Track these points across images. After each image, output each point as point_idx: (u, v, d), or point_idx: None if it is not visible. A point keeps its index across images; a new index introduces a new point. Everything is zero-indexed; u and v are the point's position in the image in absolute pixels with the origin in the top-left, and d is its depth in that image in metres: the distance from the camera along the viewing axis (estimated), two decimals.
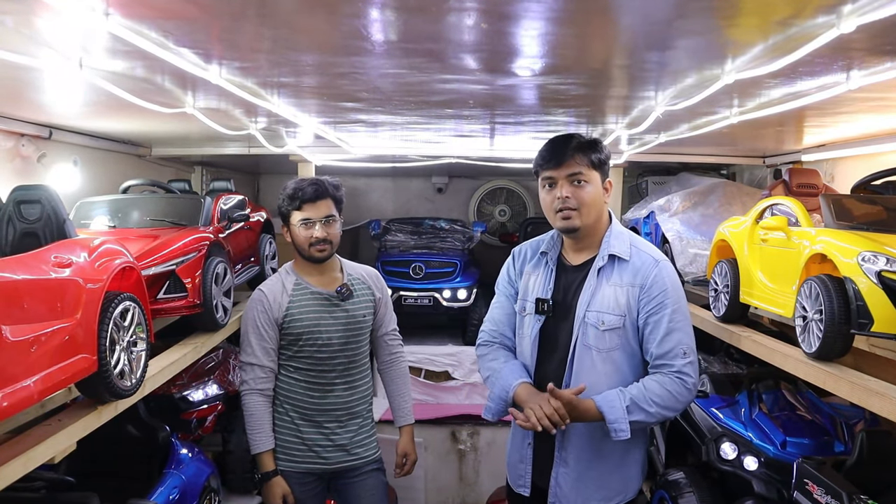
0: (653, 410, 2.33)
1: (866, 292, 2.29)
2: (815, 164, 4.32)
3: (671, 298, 2.41)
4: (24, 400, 1.84)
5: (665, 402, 2.35)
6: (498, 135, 4.32)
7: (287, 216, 2.97)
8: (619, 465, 2.52)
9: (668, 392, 2.35)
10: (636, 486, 2.57)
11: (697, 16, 1.66)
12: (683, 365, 2.37)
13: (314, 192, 2.92)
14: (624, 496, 2.54)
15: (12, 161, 3.51)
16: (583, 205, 2.43)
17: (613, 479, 2.52)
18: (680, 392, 2.36)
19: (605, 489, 2.51)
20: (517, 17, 1.69)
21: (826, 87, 2.29)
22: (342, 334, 2.96)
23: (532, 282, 2.60)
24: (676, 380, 2.36)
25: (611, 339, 2.43)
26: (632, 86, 2.64)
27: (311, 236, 2.92)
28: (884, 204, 2.86)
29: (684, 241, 4.05)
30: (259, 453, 2.93)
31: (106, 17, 1.60)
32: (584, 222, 2.45)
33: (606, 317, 2.43)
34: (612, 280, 2.45)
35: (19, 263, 1.97)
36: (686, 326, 2.44)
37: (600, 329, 2.43)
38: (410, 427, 3.23)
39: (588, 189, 2.44)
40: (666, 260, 2.52)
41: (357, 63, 2.22)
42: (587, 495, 2.50)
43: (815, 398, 3.34)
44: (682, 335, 2.40)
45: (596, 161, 2.44)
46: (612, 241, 2.47)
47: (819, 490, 2.45)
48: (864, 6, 1.45)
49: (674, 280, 2.47)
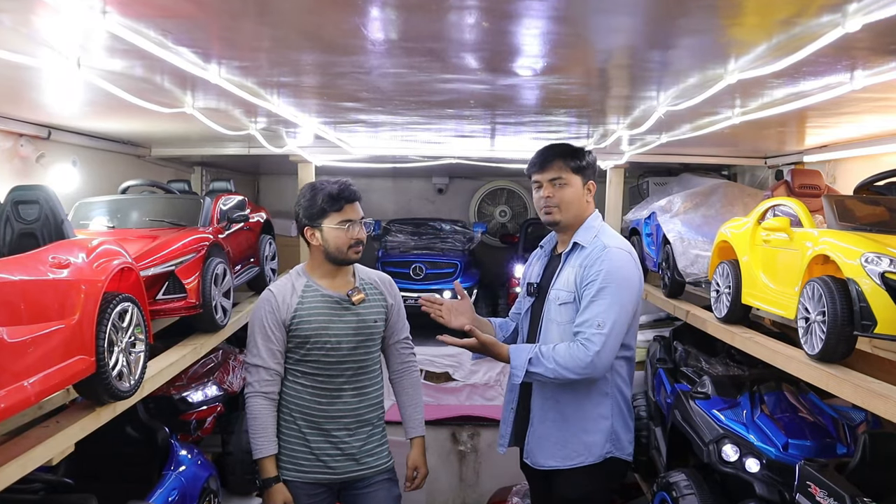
0: (550, 366, 2.62)
1: (870, 294, 2.28)
2: (817, 165, 4.31)
3: (603, 278, 2.66)
4: (22, 402, 1.83)
5: (565, 362, 2.61)
6: (498, 135, 4.31)
7: (321, 218, 2.84)
8: (581, 430, 2.80)
9: (570, 355, 2.61)
10: (599, 452, 2.79)
11: (700, 14, 1.65)
12: (592, 333, 2.60)
13: (356, 192, 2.86)
14: (585, 458, 2.79)
15: (11, 161, 3.50)
16: (562, 202, 2.81)
17: (574, 441, 2.80)
18: (579, 357, 2.60)
19: (566, 449, 2.81)
20: (518, 15, 1.68)
21: (830, 87, 2.27)
22: (351, 339, 2.86)
23: (530, 270, 3.07)
24: (581, 345, 2.61)
25: (566, 312, 2.76)
26: (633, 86, 2.63)
27: (352, 238, 2.83)
28: (887, 205, 2.84)
29: (686, 242, 4.03)
30: (261, 458, 2.84)
31: (103, 16, 1.59)
32: (563, 217, 2.83)
33: (562, 293, 2.79)
34: (571, 263, 2.82)
35: (17, 264, 1.96)
36: (609, 302, 2.63)
37: (557, 304, 2.80)
38: (422, 439, 3.09)
39: (567, 190, 2.81)
40: (620, 249, 2.74)
41: (357, 62, 2.21)
42: (550, 453, 2.84)
43: (817, 400, 3.33)
44: (602, 309, 2.62)
45: (575, 167, 2.81)
46: (580, 232, 2.83)
47: (822, 492, 2.43)
48: (870, 5, 1.43)
49: (616, 265, 2.69)
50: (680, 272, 4.01)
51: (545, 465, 2.86)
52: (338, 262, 2.86)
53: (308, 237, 2.86)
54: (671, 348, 4.53)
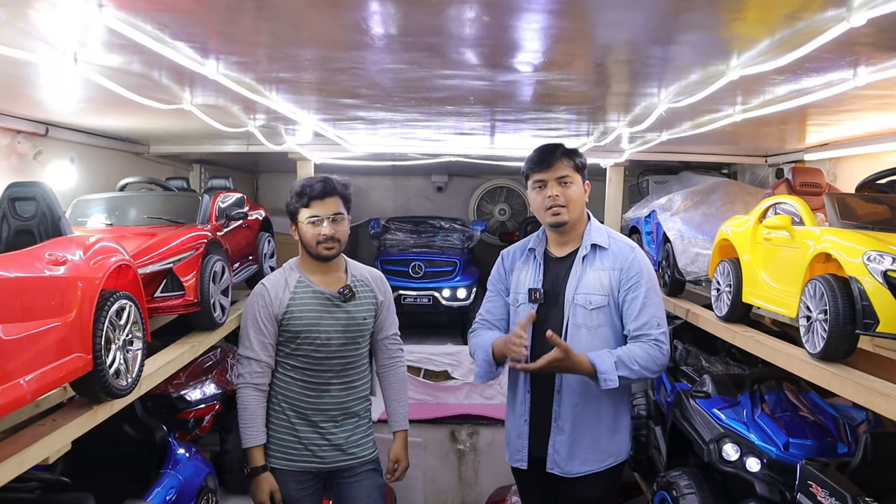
0: (635, 368, 2.69)
1: (872, 292, 2.26)
2: (818, 164, 4.30)
3: (645, 278, 2.79)
4: (18, 399, 1.82)
5: (645, 363, 2.71)
6: (498, 132, 4.30)
7: (295, 213, 2.95)
8: (610, 430, 2.85)
9: (647, 355, 2.72)
10: (626, 448, 2.92)
11: (703, 9, 1.64)
12: (659, 334, 2.75)
13: (322, 189, 2.90)
14: (616, 458, 2.87)
15: (8, 158, 3.48)
16: (570, 201, 2.81)
17: (606, 442, 2.85)
18: (657, 356, 2.74)
19: (600, 451, 2.83)
20: (519, 9, 1.67)
21: (832, 83, 2.26)
22: (341, 335, 2.95)
23: (522, 276, 2.95)
24: (654, 346, 2.73)
25: (598, 316, 2.79)
26: (634, 82, 2.62)
27: (319, 234, 2.90)
28: (889, 203, 2.83)
29: (686, 241, 4.02)
30: (250, 447, 2.93)
31: (100, 9, 1.57)
32: (570, 217, 2.82)
33: (594, 297, 2.79)
34: (595, 266, 2.82)
35: (13, 261, 1.94)
36: (658, 302, 2.81)
37: (588, 308, 2.79)
38: (404, 433, 3.22)
39: (573, 188, 2.82)
40: (638, 248, 2.90)
41: (356, 58, 2.19)
42: (584, 458, 2.82)
43: (818, 399, 3.31)
44: (656, 309, 2.78)
45: (579, 164, 2.83)
46: (593, 234, 2.86)
47: (823, 492, 2.42)
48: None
49: (647, 264, 2.85)
50: (680, 270, 4.00)
51: (579, 472, 2.82)
52: (312, 257, 2.95)
53: (293, 232, 3.00)
54: (672, 347, 4.52)
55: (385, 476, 3.17)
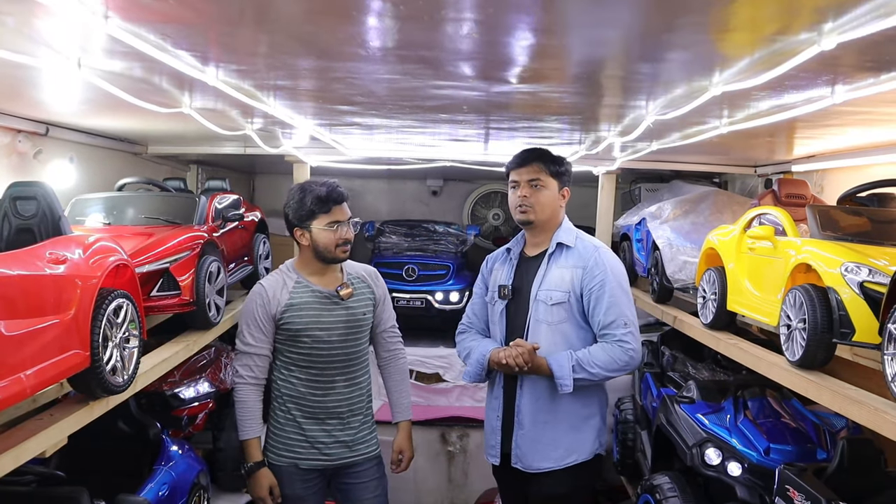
0: (594, 371, 2.73)
1: (849, 302, 2.34)
2: (805, 175, 4.37)
3: (610, 277, 2.79)
4: (17, 394, 1.87)
5: (606, 364, 2.73)
6: (492, 140, 4.35)
7: (310, 219, 2.93)
8: (572, 427, 2.86)
9: (609, 357, 2.74)
10: (590, 448, 2.88)
11: (686, 30, 1.70)
12: (624, 334, 2.74)
13: (342, 195, 2.94)
14: (578, 456, 2.86)
15: (8, 157, 3.53)
16: (537, 203, 2.87)
17: (566, 440, 2.85)
18: (619, 356, 2.73)
19: (559, 449, 2.85)
20: (510, 27, 1.73)
21: (812, 100, 2.33)
22: (342, 332, 2.97)
23: (497, 275, 3.04)
24: (617, 346, 2.74)
25: (558, 312, 2.82)
26: (623, 95, 2.68)
27: (340, 238, 2.92)
28: (868, 216, 2.90)
29: (674, 249, 4.09)
30: (247, 440, 2.94)
31: (106, 20, 1.63)
32: (537, 218, 2.88)
33: (554, 293, 2.83)
34: (559, 263, 2.86)
35: (14, 259, 1.99)
36: (625, 301, 2.81)
37: (549, 304, 2.83)
38: (408, 423, 3.23)
39: (544, 192, 2.87)
40: (605, 247, 2.91)
41: (352, 68, 2.25)
42: (544, 454, 2.86)
43: (800, 406, 3.38)
44: (623, 308, 2.77)
45: (553, 171, 2.88)
46: (560, 234, 2.90)
47: (800, 496, 2.49)
48: (844, 24, 1.49)
49: (612, 263, 2.85)
50: (668, 278, 4.06)
51: (539, 468, 2.85)
52: (327, 260, 2.96)
53: (298, 237, 2.95)
54: (659, 353, 4.59)
55: (391, 467, 3.19)
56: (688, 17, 1.59)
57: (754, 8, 1.52)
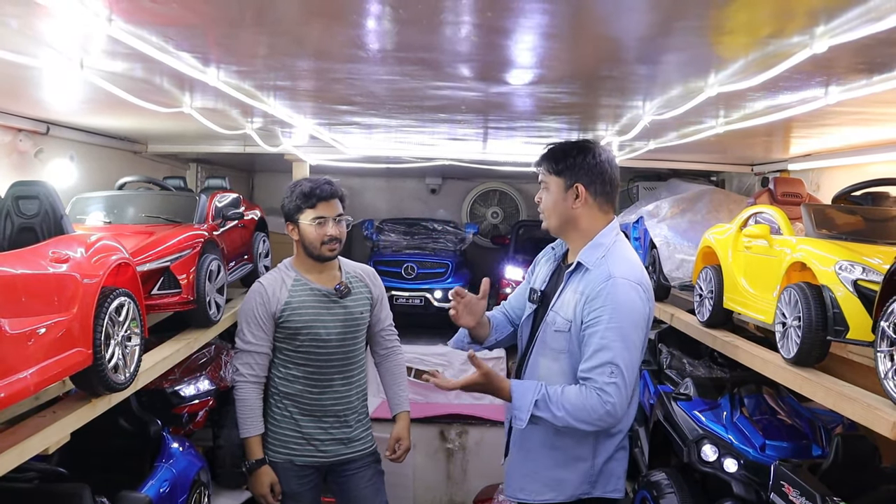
0: (560, 414, 2.31)
1: (843, 300, 2.36)
2: (802, 174, 4.39)
3: (609, 315, 2.34)
4: (21, 391, 1.89)
5: (576, 412, 2.31)
6: (491, 139, 4.37)
7: (297, 214, 2.95)
8: (556, 463, 2.53)
9: (581, 403, 2.31)
10: (571, 491, 2.52)
11: (683, 34, 1.72)
12: (606, 384, 2.30)
13: (330, 190, 2.95)
14: (556, 495, 2.53)
15: (9, 156, 3.54)
16: (545, 209, 2.58)
17: (546, 475, 2.54)
18: (595, 408, 2.30)
19: (536, 483, 2.56)
20: (508, 30, 1.75)
21: (806, 101, 2.36)
22: (340, 331, 3.01)
23: (538, 274, 2.76)
24: (596, 395, 2.30)
25: (558, 341, 2.48)
26: (621, 96, 2.70)
27: (325, 234, 2.94)
28: (863, 214, 2.93)
29: (671, 247, 4.11)
30: (248, 437, 2.97)
31: (109, 23, 1.65)
32: (549, 224, 2.59)
33: (559, 318, 2.49)
34: (573, 285, 2.49)
35: (17, 258, 2.01)
36: (619, 346, 2.33)
37: (552, 329, 2.51)
38: (406, 414, 3.28)
39: (545, 195, 2.57)
40: (627, 280, 2.40)
41: (352, 69, 2.27)
42: (521, 484, 2.61)
43: (796, 403, 3.41)
44: (613, 354, 2.32)
45: (552, 169, 2.53)
46: (587, 250, 2.49)
47: (795, 492, 2.52)
48: (835, 28, 1.51)
49: (620, 299, 2.36)
50: (665, 276, 4.09)
51: (515, 497, 2.64)
52: (314, 257, 2.97)
53: (289, 232, 3.00)
54: (656, 350, 4.61)
55: (386, 453, 3.22)
56: (684, 20, 1.61)
57: (749, 11, 1.55)
